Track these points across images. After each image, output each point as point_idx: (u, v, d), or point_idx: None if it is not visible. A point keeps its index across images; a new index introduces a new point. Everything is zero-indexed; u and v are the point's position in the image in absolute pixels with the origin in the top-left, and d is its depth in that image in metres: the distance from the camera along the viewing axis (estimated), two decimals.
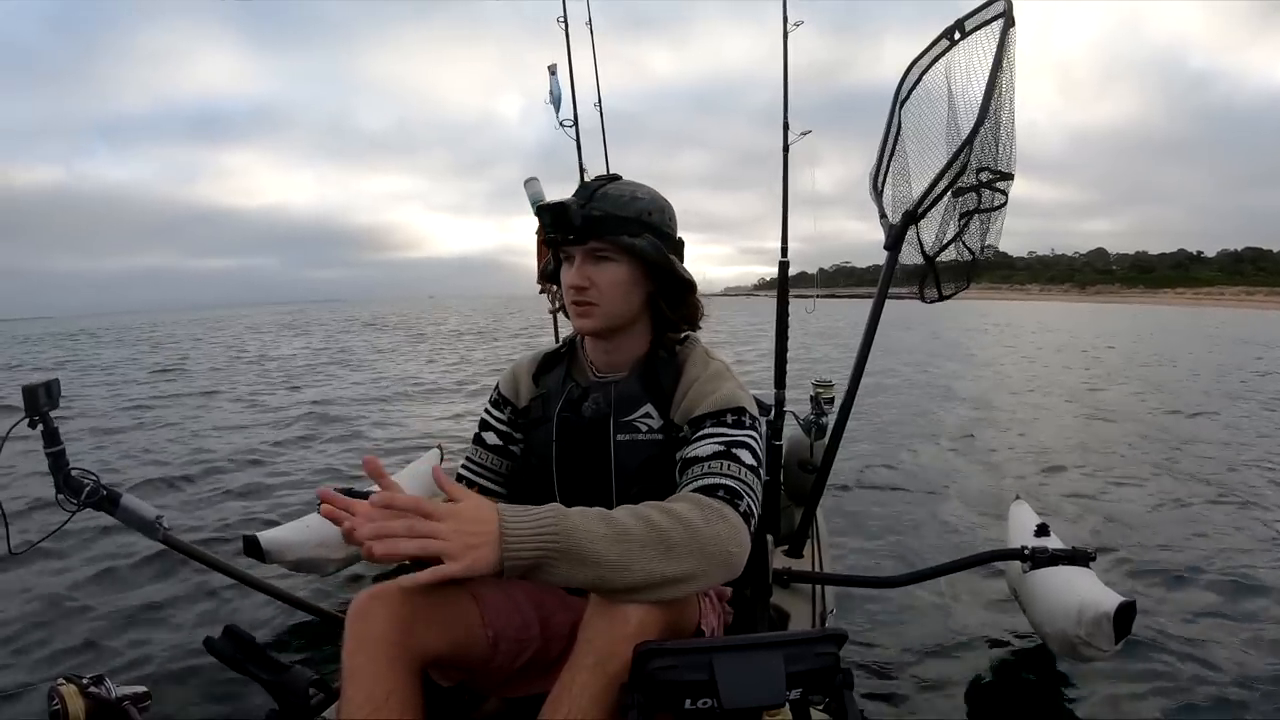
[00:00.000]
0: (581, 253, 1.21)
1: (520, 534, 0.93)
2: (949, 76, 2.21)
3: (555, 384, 1.33)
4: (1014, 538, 2.59)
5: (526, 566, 0.93)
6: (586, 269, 1.20)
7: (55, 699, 1.26)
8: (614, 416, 1.25)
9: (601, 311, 1.22)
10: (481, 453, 1.40)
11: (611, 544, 0.96)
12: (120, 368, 13.52)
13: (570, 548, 0.93)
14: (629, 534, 0.97)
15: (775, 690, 0.94)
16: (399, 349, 17.05)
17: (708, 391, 1.21)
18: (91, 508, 1.77)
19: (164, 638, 2.52)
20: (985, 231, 2.16)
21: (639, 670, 0.95)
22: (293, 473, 4.95)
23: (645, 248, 1.20)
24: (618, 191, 1.22)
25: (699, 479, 1.10)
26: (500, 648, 1.19)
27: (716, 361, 1.29)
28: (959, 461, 5.32)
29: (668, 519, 0.99)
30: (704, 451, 1.13)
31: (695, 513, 1.01)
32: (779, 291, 2.64)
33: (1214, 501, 4.25)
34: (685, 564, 0.99)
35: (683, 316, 1.30)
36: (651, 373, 1.27)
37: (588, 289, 1.21)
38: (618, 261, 1.21)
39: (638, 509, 1.02)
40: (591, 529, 0.95)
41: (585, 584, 0.97)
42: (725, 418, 1.17)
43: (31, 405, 1.66)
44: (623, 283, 1.22)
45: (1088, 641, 1.89)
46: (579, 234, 1.19)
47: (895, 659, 2.38)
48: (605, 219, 1.19)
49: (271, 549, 2.41)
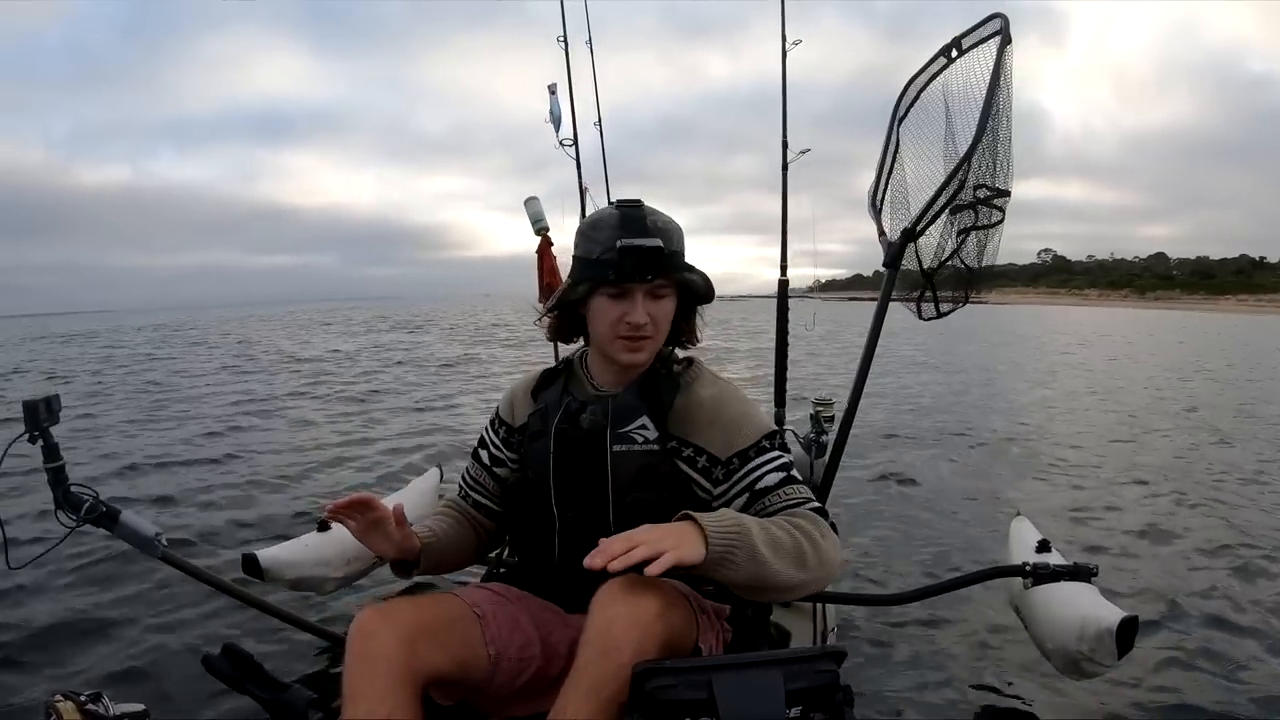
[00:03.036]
0: (645, 290, 1.22)
1: (716, 530, 1.03)
2: (946, 94, 2.22)
3: (553, 399, 1.35)
4: (1015, 554, 2.58)
5: (720, 556, 1.02)
6: (650, 307, 1.22)
7: (51, 715, 1.25)
8: (611, 428, 1.26)
9: (653, 344, 1.26)
10: (476, 468, 1.46)
11: (771, 549, 1.06)
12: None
13: (750, 545, 1.04)
14: (780, 543, 1.08)
15: (775, 708, 0.94)
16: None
17: (738, 417, 1.27)
18: (90, 524, 1.77)
19: (162, 655, 2.51)
20: (983, 248, 2.17)
21: (638, 690, 0.95)
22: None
23: (700, 285, 1.26)
24: (667, 225, 1.24)
25: (786, 503, 1.19)
26: (501, 666, 1.19)
27: (724, 381, 1.33)
28: (963, 477, 5.31)
29: (801, 533, 1.11)
30: (772, 480, 1.22)
31: (815, 530, 1.13)
32: (778, 310, 2.65)
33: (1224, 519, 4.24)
34: (811, 573, 1.10)
35: (691, 328, 1.35)
36: (650, 386, 1.29)
37: (646, 325, 1.22)
38: (671, 297, 1.25)
39: (777, 521, 1.12)
40: (760, 534, 1.06)
41: (740, 581, 1.06)
42: (767, 443, 1.25)
43: (32, 420, 1.66)
44: (671, 315, 1.27)
45: (1090, 657, 1.88)
46: (658, 273, 1.21)
47: (896, 676, 2.37)
48: (672, 256, 1.22)
49: (270, 567, 2.40)
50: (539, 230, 2.85)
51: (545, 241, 2.86)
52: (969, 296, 2.25)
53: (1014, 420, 7.71)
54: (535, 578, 1.36)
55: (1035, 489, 4.97)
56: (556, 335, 1.38)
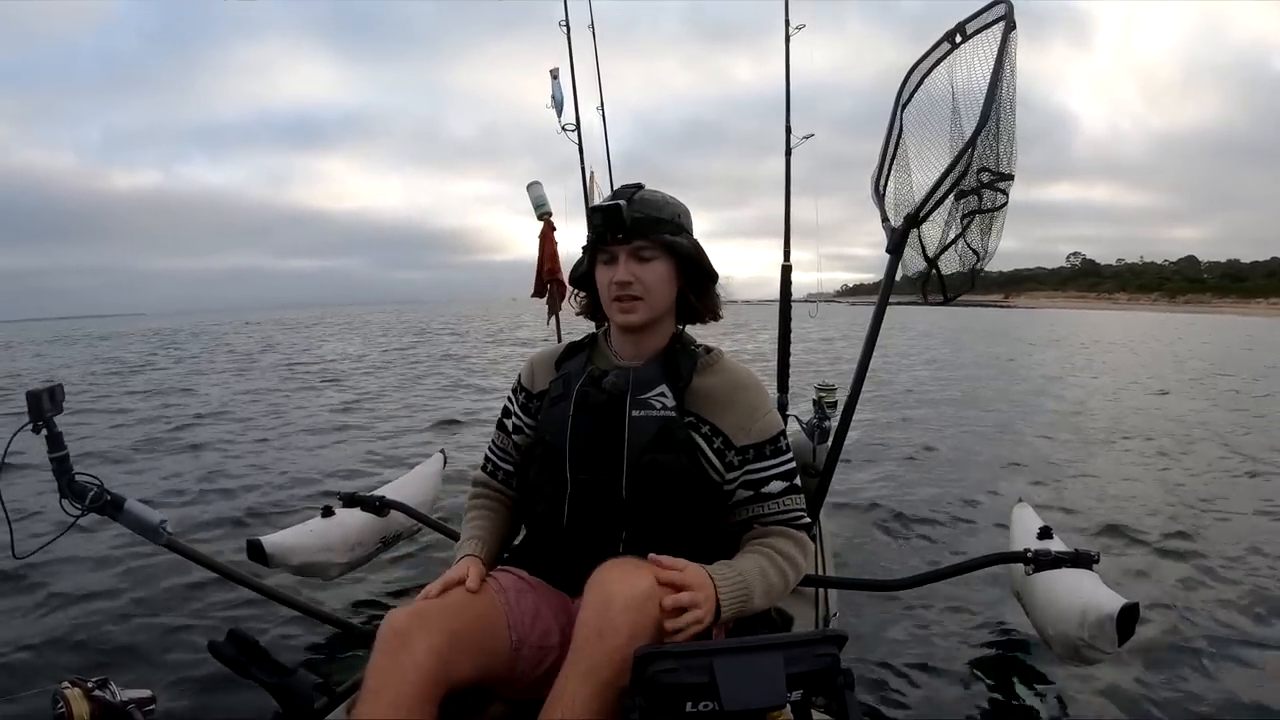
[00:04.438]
0: (626, 252, 1.29)
1: (729, 603, 1.16)
2: (951, 79, 2.20)
3: (576, 368, 1.39)
4: (1017, 540, 2.59)
5: (723, 620, 1.17)
6: (632, 266, 1.29)
7: (60, 702, 1.26)
8: (631, 394, 1.31)
9: (646, 305, 1.31)
10: (502, 437, 1.50)
11: (765, 596, 1.24)
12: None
13: (749, 605, 1.20)
14: (773, 588, 1.26)
15: (776, 691, 0.95)
16: None
17: (755, 407, 1.35)
18: (95, 513, 1.77)
19: (168, 641, 2.53)
20: (987, 232, 2.16)
21: (640, 674, 0.95)
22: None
23: (684, 245, 1.32)
24: (652, 196, 1.33)
25: (783, 514, 1.33)
26: (523, 654, 1.21)
27: (744, 369, 1.40)
28: (964, 465, 5.32)
29: (787, 563, 1.29)
30: (776, 488, 1.33)
31: (799, 553, 1.32)
32: (781, 296, 2.64)
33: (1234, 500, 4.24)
34: (789, 589, 1.31)
35: (706, 306, 1.40)
36: (670, 361, 1.34)
37: (633, 284, 1.29)
38: (659, 259, 1.30)
39: (774, 560, 1.28)
40: (759, 585, 1.23)
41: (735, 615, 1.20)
42: (779, 443, 1.35)
43: (36, 410, 1.67)
44: (663, 278, 1.31)
45: (1090, 644, 1.89)
46: (628, 233, 1.28)
47: (898, 661, 2.38)
48: (648, 220, 1.29)
49: (275, 553, 2.41)
50: (541, 215, 2.85)
51: (548, 226, 2.85)
52: (975, 281, 2.24)
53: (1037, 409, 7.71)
54: (542, 551, 1.37)
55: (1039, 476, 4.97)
56: (586, 311, 1.47)
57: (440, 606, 1.16)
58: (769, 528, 1.32)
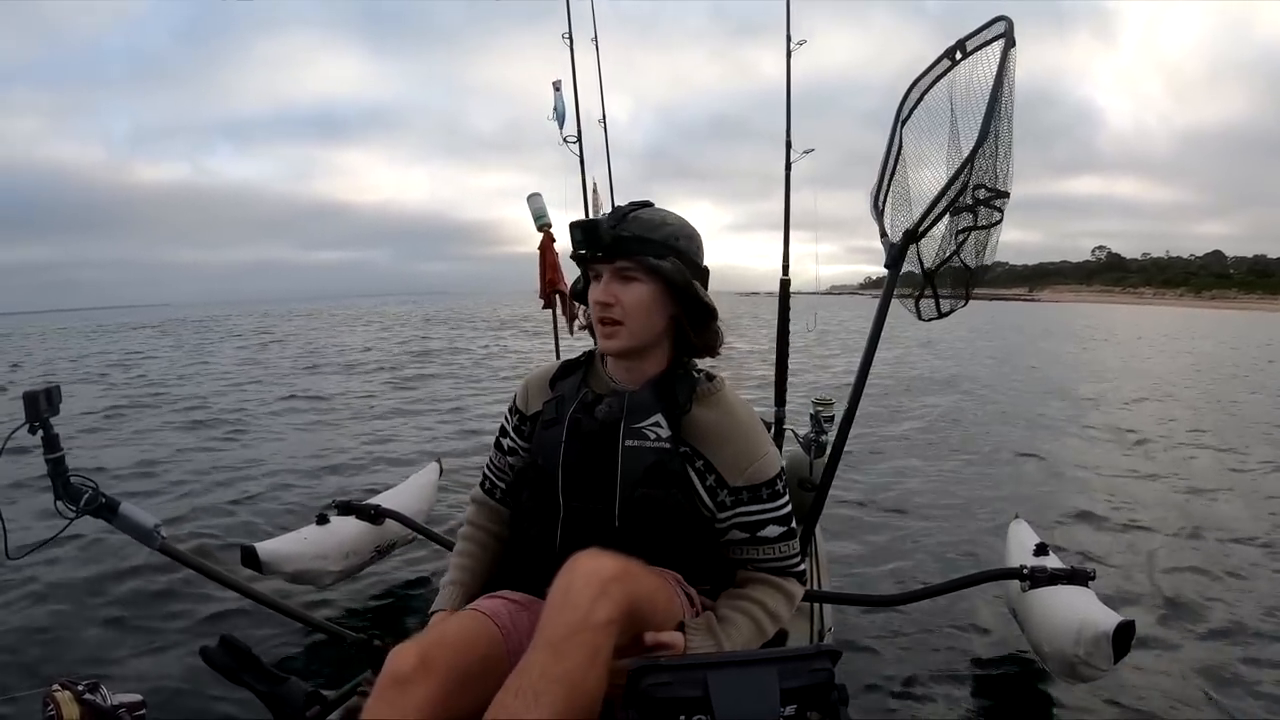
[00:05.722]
0: (609, 271, 1.26)
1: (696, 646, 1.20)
2: (950, 96, 2.22)
3: (570, 389, 1.37)
4: (1013, 557, 2.58)
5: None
6: (613, 287, 1.26)
7: (50, 705, 1.26)
8: (625, 422, 1.28)
9: (627, 331, 1.26)
10: (498, 456, 1.48)
11: (739, 643, 1.25)
12: None
13: (719, 646, 1.22)
14: (749, 642, 1.26)
15: (770, 706, 0.94)
16: None
17: (753, 447, 1.29)
18: (90, 515, 1.77)
19: (160, 646, 2.52)
20: (982, 248, 2.17)
21: (633, 687, 0.95)
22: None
23: (668, 269, 1.24)
24: (648, 216, 1.27)
25: (777, 560, 1.32)
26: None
27: (745, 405, 1.34)
28: (960, 481, 5.30)
29: (768, 617, 1.30)
30: (772, 533, 1.30)
31: (782, 606, 1.32)
32: (779, 310, 2.64)
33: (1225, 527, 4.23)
34: (764, 640, 1.30)
35: (705, 343, 1.33)
36: (667, 387, 1.30)
37: (613, 306, 1.25)
38: (643, 282, 1.25)
39: (753, 611, 1.29)
40: (733, 639, 1.24)
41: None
42: (775, 485, 1.31)
43: (32, 412, 1.66)
44: (646, 303, 1.26)
45: (1086, 661, 1.89)
46: (607, 252, 1.24)
47: (893, 677, 2.37)
48: (633, 239, 1.24)
49: (269, 560, 2.41)
50: (541, 226, 2.86)
51: (548, 238, 2.86)
52: (969, 296, 2.25)
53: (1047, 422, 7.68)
54: (534, 570, 1.36)
55: (1040, 488, 4.96)
56: (590, 327, 1.43)
57: (441, 642, 1.12)
58: (760, 574, 1.32)
